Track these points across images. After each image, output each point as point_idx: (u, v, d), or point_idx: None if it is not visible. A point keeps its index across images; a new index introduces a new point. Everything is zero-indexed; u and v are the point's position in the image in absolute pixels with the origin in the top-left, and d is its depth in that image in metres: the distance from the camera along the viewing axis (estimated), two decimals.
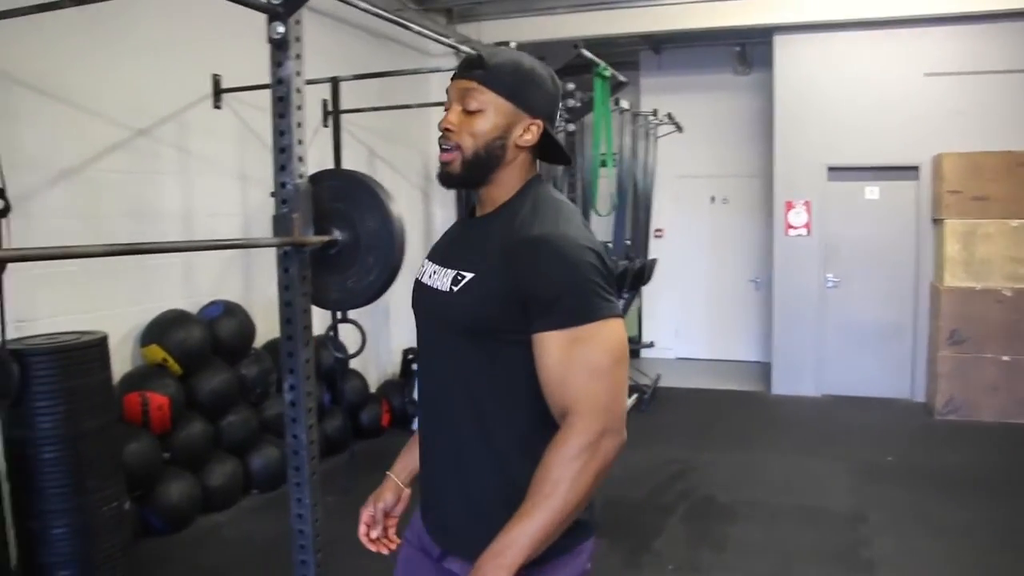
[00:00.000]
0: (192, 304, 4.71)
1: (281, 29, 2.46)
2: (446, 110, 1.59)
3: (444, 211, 7.19)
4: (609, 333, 1.46)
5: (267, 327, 4.97)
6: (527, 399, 1.50)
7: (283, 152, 2.52)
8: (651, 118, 7.46)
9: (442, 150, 1.57)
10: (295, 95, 2.50)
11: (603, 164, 5.43)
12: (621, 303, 6.69)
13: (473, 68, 1.56)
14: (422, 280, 1.67)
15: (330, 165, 4.81)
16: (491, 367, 1.52)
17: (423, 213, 7.20)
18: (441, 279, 1.58)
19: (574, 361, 1.43)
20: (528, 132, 1.57)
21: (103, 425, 3.38)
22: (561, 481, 1.39)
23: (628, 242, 6.98)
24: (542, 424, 1.49)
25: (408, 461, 1.81)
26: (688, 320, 9.21)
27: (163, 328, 4.42)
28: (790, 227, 7.47)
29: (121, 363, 4.21)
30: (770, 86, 7.57)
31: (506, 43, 4.50)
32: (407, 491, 1.81)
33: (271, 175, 2.56)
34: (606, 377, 1.44)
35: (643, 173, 7.30)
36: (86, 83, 4.01)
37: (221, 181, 4.99)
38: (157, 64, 4.40)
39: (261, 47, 2.56)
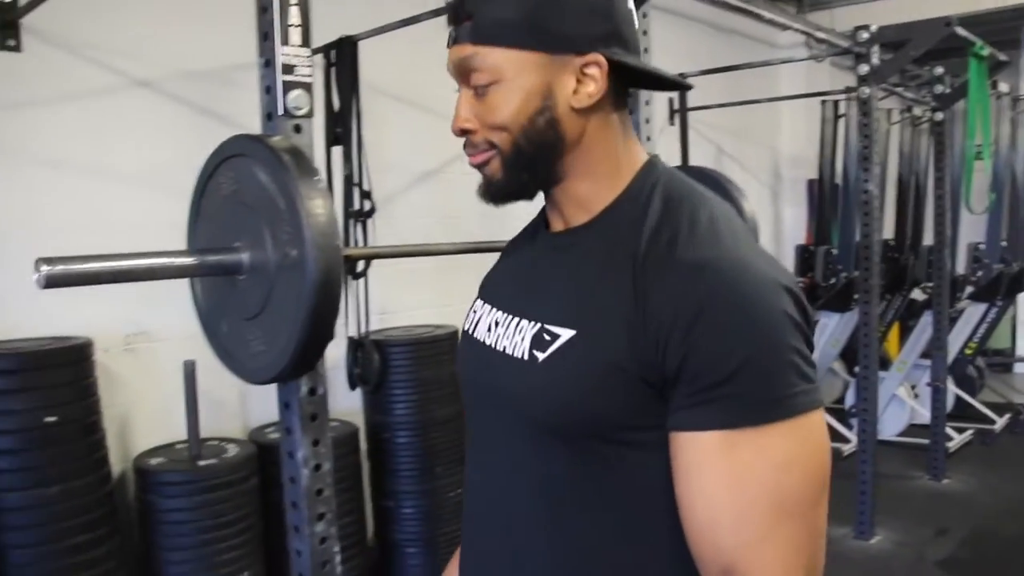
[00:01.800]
0: None
1: None
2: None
3: (795, 210, 6.78)
4: (810, 438, 0.84)
5: None
6: (656, 534, 0.90)
7: None
8: None
9: (471, 155, 0.99)
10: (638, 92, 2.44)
11: (978, 156, 4.83)
12: (993, 312, 6.16)
13: (458, 21, 0.95)
14: (472, 334, 1.08)
15: (677, 163, 4.73)
16: (597, 483, 0.91)
17: (772, 214, 6.78)
18: (510, 335, 0.98)
19: (749, 485, 0.82)
20: (585, 80, 0.93)
21: (451, 416, 3.55)
22: None
23: (1004, 244, 6.25)
24: (680, 569, 0.90)
25: None
26: None
27: None
28: None
29: None
30: None
31: (866, 27, 4.12)
32: None
33: None
34: (803, 518, 0.83)
35: None
36: (442, 91, 4.23)
37: None
38: None
39: None
